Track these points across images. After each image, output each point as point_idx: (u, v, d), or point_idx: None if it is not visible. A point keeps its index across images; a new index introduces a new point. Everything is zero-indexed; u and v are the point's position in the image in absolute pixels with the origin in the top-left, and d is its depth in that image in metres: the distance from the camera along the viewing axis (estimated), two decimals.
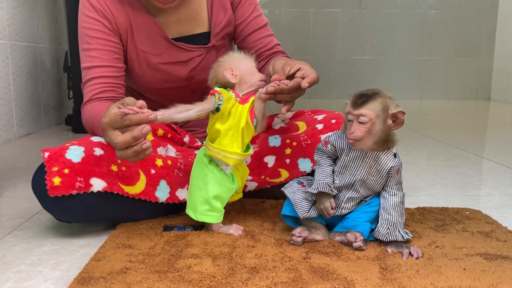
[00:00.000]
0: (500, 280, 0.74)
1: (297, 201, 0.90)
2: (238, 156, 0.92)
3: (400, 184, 0.89)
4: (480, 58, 4.22)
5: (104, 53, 1.11)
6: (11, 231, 1.01)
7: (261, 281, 0.74)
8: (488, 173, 1.54)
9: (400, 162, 0.88)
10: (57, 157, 0.90)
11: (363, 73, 4.18)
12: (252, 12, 1.23)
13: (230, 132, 0.91)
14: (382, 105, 0.82)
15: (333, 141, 0.89)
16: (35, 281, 0.77)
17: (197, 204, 0.93)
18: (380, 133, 0.83)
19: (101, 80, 1.10)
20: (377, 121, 0.82)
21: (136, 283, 0.73)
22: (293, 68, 1.00)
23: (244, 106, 0.92)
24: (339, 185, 0.89)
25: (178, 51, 1.18)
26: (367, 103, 0.81)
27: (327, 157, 0.91)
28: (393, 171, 0.87)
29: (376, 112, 0.81)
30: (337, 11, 4.11)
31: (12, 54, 2.18)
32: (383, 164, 0.86)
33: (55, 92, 2.68)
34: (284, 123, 1.24)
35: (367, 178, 0.87)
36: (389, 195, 0.88)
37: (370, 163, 0.86)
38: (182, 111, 0.87)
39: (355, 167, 0.87)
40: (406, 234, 0.88)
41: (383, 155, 0.86)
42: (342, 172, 0.89)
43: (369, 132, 0.82)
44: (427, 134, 2.33)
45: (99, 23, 1.10)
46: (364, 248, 0.85)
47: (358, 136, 0.82)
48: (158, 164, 1.02)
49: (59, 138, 2.26)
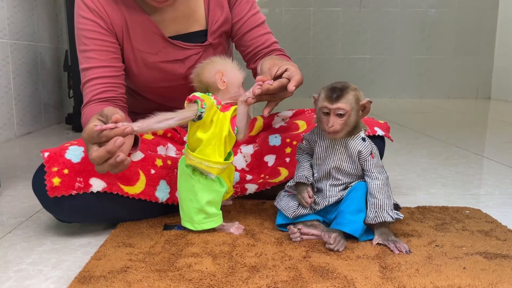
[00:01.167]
0: (500, 279, 0.74)
1: (284, 206, 0.94)
2: (221, 165, 0.91)
3: (381, 168, 0.91)
4: (480, 57, 4.22)
5: (101, 53, 1.11)
6: (12, 230, 1.01)
7: (261, 280, 0.74)
8: (488, 172, 1.54)
9: (371, 145, 0.91)
10: (56, 157, 0.90)
11: (363, 72, 4.18)
12: (249, 10, 1.23)
13: (212, 142, 0.89)
14: (355, 97, 0.87)
15: (307, 135, 0.95)
16: (35, 280, 0.78)
17: (192, 216, 0.92)
18: (354, 123, 0.88)
19: (99, 81, 1.10)
20: (352, 113, 0.87)
21: (136, 282, 0.73)
22: (280, 69, 1.01)
23: (225, 114, 0.90)
24: (318, 176, 0.93)
25: (175, 49, 1.18)
26: (342, 97, 0.86)
27: (305, 154, 0.96)
28: (364, 154, 0.89)
29: (351, 105, 0.86)
30: (337, 10, 4.11)
31: (12, 53, 2.18)
32: (352, 148, 0.89)
33: (55, 91, 2.69)
34: (284, 122, 1.24)
35: (340, 164, 0.90)
36: (371, 179, 0.90)
37: (340, 150, 0.90)
38: (161, 120, 0.84)
39: (327, 156, 0.91)
40: (396, 214, 0.89)
41: (350, 140, 0.90)
42: (318, 163, 0.93)
43: (345, 124, 0.86)
44: (427, 133, 2.33)
45: (95, 23, 1.10)
46: (338, 249, 0.85)
47: (337, 129, 0.86)
48: (158, 164, 1.02)
49: (59, 137, 2.26)
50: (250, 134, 1.26)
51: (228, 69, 0.94)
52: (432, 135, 2.26)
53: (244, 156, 1.20)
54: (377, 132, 1.12)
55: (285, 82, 0.97)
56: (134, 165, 0.98)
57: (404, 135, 2.29)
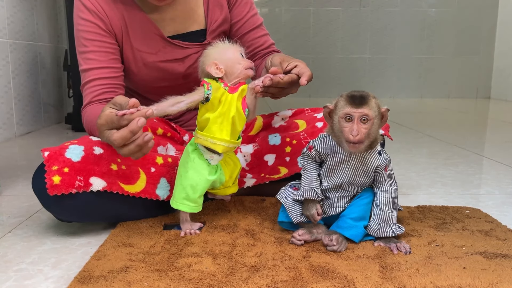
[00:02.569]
0: (500, 278, 0.74)
1: (290, 206, 0.91)
2: (227, 143, 0.92)
3: (392, 178, 0.88)
4: (480, 57, 4.22)
5: (101, 54, 1.11)
6: (12, 230, 1.01)
7: (261, 279, 0.74)
8: (488, 172, 1.54)
9: (387, 158, 0.87)
10: (56, 156, 0.90)
11: (363, 72, 4.18)
12: (248, 11, 1.24)
13: (219, 120, 0.91)
14: (376, 105, 0.82)
15: (317, 146, 0.89)
16: (35, 280, 0.77)
17: (176, 191, 0.94)
18: (375, 133, 0.83)
19: (99, 82, 1.11)
20: (375, 121, 0.82)
21: (136, 282, 0.73)
22: (290, 65, 1.02)
23: (233, 96, 0.92)
24: (327, 187, 0.89)
25: (174, 49, 1.18)
26: (366, 103, 0.81)
27: (312, 161, 0.91)
28: (380, 169, 0.86)
29: (375, 112, 0.82)
30: (337, 10, 4.11)
31: (12, 52, 2.18)
32: (369, 164, 0.86)
33: (55, 90, 2.68)
34: (284, 122, 1.24)
35: (354, 179, 0.87)
36: (380, 191, 0.88)
37: (356, 165, 0.86)
38: (174, 103, 0.88)
39: (341, 170, 0.87)
40: (398, 228, 0.88)
41: (367, 155, 0.85)
42: (329, 174, 0.89)
43: (368, 133, 0.81)
44: (427, 133, 2.33)
45: (94, 24, 1.11)
46: (341, 250, 0.85)
47: (362, 138, 0.80)
48: (159, 162, 1.02)
49: (59, 137, 2.26)
50: (250, 133, 1.26)
51: (220, 54, 0.95)
52: (432, 135, 2.26)
53: (244, 156, 1.20)
54: None
55: (295, 77, 0.98)
56: (134, 163, 0.98)
57: (404, 134, 2.29)
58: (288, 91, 1.02)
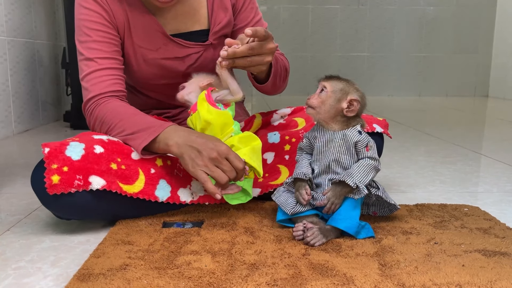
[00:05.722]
0: (499, 276, 0.74)
1: (283, 201, 0.95)
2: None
3: (374, 160, 0.93)
4: (478, 55, 4.23)
5: (104, 45, 1.09)
6: (10, 228, 1.01)
7: (261, 277, 0.74)
8: (486, 170, 1.55)
9: (367, 138, 0.93)
10: (57, 153, 0.90)
11: (361, 70, 4.18)
12: (254, 16, 1.23)
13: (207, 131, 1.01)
14: (343, 86, 0.93)
15: (307, 133, 0.98)
16: (34, 278, 0.77)
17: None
18: (329, 108, 0.92)
19: (106, 72, 1.08)
20: (332, 96, 0.92)
21: (135, 280, 0.73)
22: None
23: (195, 114, 1.02)
24: (317, 171, 0.94)
25: (175, 47, 1.18)
26: (332, 79, 0.94)
27: (305, 153, 0.98)
28: (360, 145, 0.92)
29: (334, 88, 0.92)
30: (335, 8, 4.11)
31: (10, 50, 2.18)
32: (349, 139, 0.93)
33: (53, 88, 2.68)
34: (283, 120, 1.24)
35: (339, 157, 0.93)
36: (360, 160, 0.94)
37: (339, 142, 0.93)
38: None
39: (327, 149, 0.94)
40: (363, 190, 0.88)
41: (347, 132, 0.94)
42: (318, 158, 0.95)
43: (322, 103, 0.92)
44: (426, 131, 2.34)
45: (98, 14, 1.09)
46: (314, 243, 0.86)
47: (313, 103, 0.93)
48: (158, 164, 1.01)
49: (57, 135, 2.25)
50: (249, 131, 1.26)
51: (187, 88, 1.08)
52: (430, 133, 2.27)
53: None
54: (376, 129, 1.12)
55: (254, 44, 0.96)
56: (134, 164, 0.98)
57: (402, 132, 2.29)
58: (258, 60, 0.98)
